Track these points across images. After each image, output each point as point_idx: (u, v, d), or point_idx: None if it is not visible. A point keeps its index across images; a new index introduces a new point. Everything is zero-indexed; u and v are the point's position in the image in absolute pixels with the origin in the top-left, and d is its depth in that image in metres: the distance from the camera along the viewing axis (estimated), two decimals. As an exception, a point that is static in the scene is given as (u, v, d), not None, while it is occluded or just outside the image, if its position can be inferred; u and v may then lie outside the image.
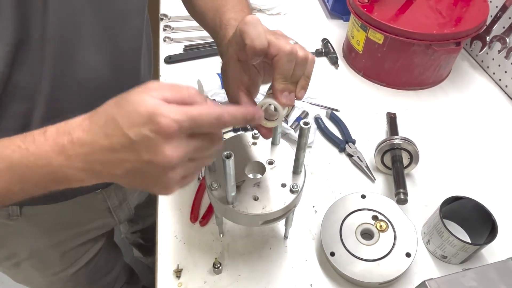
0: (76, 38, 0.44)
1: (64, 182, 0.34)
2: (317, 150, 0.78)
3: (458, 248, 0.57)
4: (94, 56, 0.47)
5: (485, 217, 0.59)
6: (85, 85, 0.48)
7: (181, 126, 0.31)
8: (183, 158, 0.32)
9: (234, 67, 0.43)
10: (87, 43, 0.46)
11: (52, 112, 0.46)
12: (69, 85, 0.47)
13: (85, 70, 0.47)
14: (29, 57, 0.41)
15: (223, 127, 0.36)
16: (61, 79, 0.45)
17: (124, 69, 0.53)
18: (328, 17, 1.14)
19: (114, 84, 0.51)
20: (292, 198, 0.50)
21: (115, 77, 0.51)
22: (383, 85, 0.93)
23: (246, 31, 0.37)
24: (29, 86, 0.43)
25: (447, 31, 0.81)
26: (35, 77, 0.43)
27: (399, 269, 0.56)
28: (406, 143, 0.69)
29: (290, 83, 0.41)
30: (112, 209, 0.71)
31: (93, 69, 0.48)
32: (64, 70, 0.45)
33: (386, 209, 0.61)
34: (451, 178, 0.73)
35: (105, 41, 0.48)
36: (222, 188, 0.50)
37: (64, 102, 0.48)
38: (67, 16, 0.42)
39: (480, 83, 0.95)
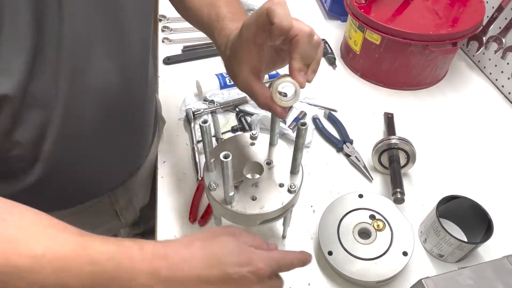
0: (89, 47, 0.45)
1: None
2: (315, 150, 0.79)
3: (455, 246, 0.58)
4: (106, 64, 0.48)
5: (481, 216, 0.60)
6: (98, 92, 0.49)
7: (271, 270, 0.39)
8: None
9: (247, 50, 0.43)
10: (99, 51, 0.46)
11: (67, 121, 0.47)
12: (83, 94, 0.47)
13: (98, 78, 0.48)
14: (46, 65, 0.41)
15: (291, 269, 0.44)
16: (76, 88, 0.46)
17: (134, 76, 0.54)
18: (326, 18, 1.15)
19: (124, 91, 0.53)
20: (290, 198, 0.51)
21: (125, 84, 0.52)
22: (381, 86, 0.93)
23: (275, 11, 0.38)
24: (45, 95, 0.43)
25: (444, 32, 0.82)
26: (52, 86, 0.43)
27: (396, 267, 0.56)
28: (403, 143, 0.69)
29: (305, 65, 0.42)
30: (119, 212, 0.71)
31: (105, 77, 0.48)
32: (79, 78, 0.45)
33: (383, 209, 0.62)
34: (447, 178, 0.74)
35: (115, 49, 0.49)
36: (220, 188, 0.51)
37: (79, 111, 0.48)
38: (81, 25, 0.43)
39: (477, 83, 0.96)
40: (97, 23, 0.45)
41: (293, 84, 0.43)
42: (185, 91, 0.89)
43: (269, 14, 0.38)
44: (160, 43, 1.02)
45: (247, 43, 0.43)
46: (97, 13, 0.44)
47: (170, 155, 0.76)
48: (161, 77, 0.93)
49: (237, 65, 0.45)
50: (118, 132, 0.57)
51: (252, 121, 0.81)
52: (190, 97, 0.87)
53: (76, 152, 0.52)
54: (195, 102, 0.85)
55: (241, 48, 0.44)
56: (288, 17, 0.38)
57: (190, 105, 0.84)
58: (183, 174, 0.73)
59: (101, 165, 0.58)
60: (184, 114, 0.82)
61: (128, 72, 0.52)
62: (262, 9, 0.39)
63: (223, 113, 0.84)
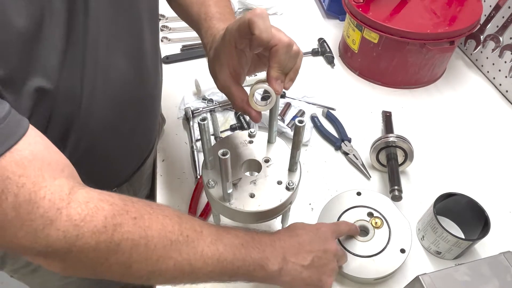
0: (110, 44, 0.47)
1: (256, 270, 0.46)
2: (313, 149, 0.79)
3: (452, 243, 0.58)
4: (124, 61, 0.50)
5: (478, 213, 0.60)
6: (117, 87, 0.51)
7: (334, 226, 0.55)
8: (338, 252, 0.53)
9: (229, 53, 0.45)
10: (119, 48, 0.49)
11: (90, 115, 0.49)
12: (105, 88, 0.49)
13: (117, 74, 0.50)
14: (74, 61, 0.43)
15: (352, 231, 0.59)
16: (98, 83, 0.47)
17: (147, 72, 0.57)
18: (325, 17, 1.15)
19: (140, 86, 0.56)
20: (288, 195, 0.51)
21: (140, 79, 0.55)
22: (379, 84, 0.94)
23: (256, 23, 0.39)
24: (72, 90, 0.45)
25: (441, 30, 0.82)
26: (78, 81, 0.45)
27: (394, 264, 0.56)
28: (401, 141, 0.70)
29: (282, 73, 0.44)
30: None
31: (123, 73, 0.51)
32: (101, 73, 0.47)
33: (381, 206, 0.62)
34: (445, 175, 0.74)
35: (132, 46, 0.51)
36: (219, 185, 0.51)
37: (100, 105, 0.50)
38: (104, 23, 0.45)
39: (474, 81, 0.96)
40: (117, 21, 0.47)
41: (270, 91, 0.44)
42: (184, 90, 0.89)
43: (250, 26, 0.40)
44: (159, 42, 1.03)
45: (229, 47, 0.44)
46: (117, 13, 0.47)
47: (169, 153, 0.77)
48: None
49: (218, 66, 0.47)
50: (132, 126, 0.59)
51: (250, 120, 0.81)
52: (189, 96, 0.87)
53: (95, 146, 0.54)
54: (194, 101, 0.86)
55: (223, 51, 0.45)
56: (268, 29, 0.40)
57: (189, 104, 0.84)
58: (182, 172, 0.73)
59: (115, 158, 0.60)
60: (183, 113, 0.83)
61: (143, 69, 0.55)
62: (244, 18, 0.41)
63: (222, 111, 0.84)
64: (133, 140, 0.62)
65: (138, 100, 0.57)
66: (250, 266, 0.45)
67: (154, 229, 0.38)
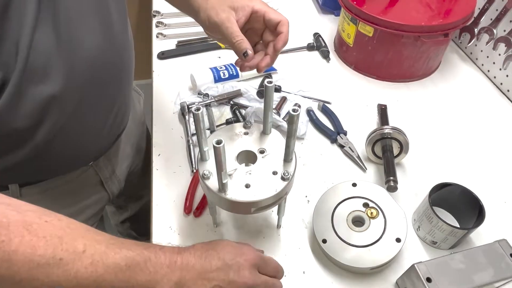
0: (82, 19, 0.49)
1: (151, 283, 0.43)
2: (309, 142, 0.79)
3: (447, 233, 0.59)
4: (97, 34, 0.52)
5: (472, 202, 0.60)
6: (92, 61, 0.52)
7: (260, 259, 0.48)
8: (254, 284, 0.46)
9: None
10: (90, 23, 0.51)
11: (67, 91, 0.50)
12: (80, 63, 0.50)
13: (92, 48, 0.51)
14: (46, 38, 0.45)
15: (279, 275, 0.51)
16: (74, 58, 0.49)
17: (119, 44, 0.58)
18: (320, 12, 1.15)
19: (113, 58, 0.57)
20: (283, 185, 0.51)
21: (114, 51, 0.57)
22: (374, 78, 0.94)
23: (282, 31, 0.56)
24: (45, 68, 0.46)
25: (435, 23, 0.82)
26: (51, 58, 0.46)
27: (389, 254, 0.57)
28: (396, 133, 0.70)
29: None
30: (104, 181, 0.74)
31: (97, 46, 0.52)
32: (76, 48, 0.49)
33: (376, 197, 0.62)
34: (440, 167, 0.75)
35: (103, 20, 0.53)
36: (214, 176, 0.51)
37: (77, 80, 0.51)
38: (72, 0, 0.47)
39: (469, 74, 0.96)
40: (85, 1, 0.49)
41: None
42: (180, 85, 0.89)
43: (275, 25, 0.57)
44: (155, 38, 1.03)
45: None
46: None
47: (165, 148, 0.77)
48: (156, 71, 0.93)
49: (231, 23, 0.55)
50: (108, 97, 0.60)
51: (246, 114, 0.81)
52: (185, 91, 0.87)
53: (73, 120, 0.55)
54: (189, 96, 0.86)
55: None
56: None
57: (184, 98, 0.84)
58: (178, 166, 0.73)
59: (91, 132, 0.61)
60: (178, 107, 0.83)
61: (115, 40, 0.56)
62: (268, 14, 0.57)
63: (217, 106, 0.84)
64: (109, 114, 0.63)
65: (111, 75, 0.58)
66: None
67: (20, 253, 0.36)
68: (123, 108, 0.68)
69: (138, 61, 0.71)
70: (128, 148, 0.81)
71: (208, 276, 0.44)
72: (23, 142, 0.51)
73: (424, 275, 0.51)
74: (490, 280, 0.51)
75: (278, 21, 0.56)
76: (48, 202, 0.63)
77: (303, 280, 0.59)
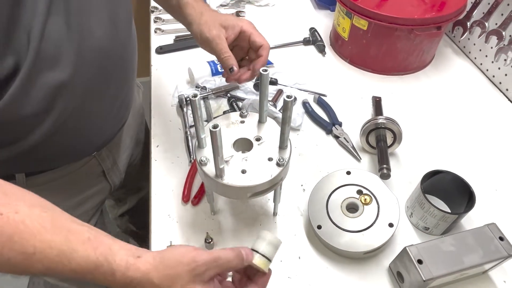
0: (91, 10, 0.51)
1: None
2: (305, 133, 0.81)
3: (439, 218, 0.60)
4: (106, 25, 0.54)
5: (463, 188, 0.62)
6: (100, 51, 0.54)
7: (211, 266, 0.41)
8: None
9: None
10: (100, 14, 0.53)
11: (75, 80, 0.52)
12: (89, 53, 0.52)
13: (100, 38, 0.53)
14: (57, 27, 0.47)
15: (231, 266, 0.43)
16: (83, 47, 0.51)
17: (125, 35, 0.60)
18: (316, 8, 1.17)
19: (119, 49, 0.59)
20: (278, 171, 0.53)
21: (120, 42, 0.59)
22: (369, 71, 0.96)
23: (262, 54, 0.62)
24: (55, 56, 0.48)
25: (428, 16, 0.84)
26: (61, 46, 0.48)
27: (382, 238, 0.58)
28: (390, 123, 0.72)
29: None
30: (106, 171, 0.75)
31: (106, 36, 0.54)
32: (86, 38, 0.51)
33: (370, 184, 0.64)
34: (433, 156, 0.76)
35: (112, 13, 0.55)
36: (211, 163, 0.53)
37: (85, 70, 0.53)
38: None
39: (462, 67, 0.98)
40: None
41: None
42: (178, 78, 0.90)
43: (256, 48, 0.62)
44: (153, 33, 1.04)
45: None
46: None
47: (163, 139, 0.78)
48: (154, 65, 0.95)
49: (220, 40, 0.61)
50: (113, 88, 0.62)
51: (243, 106, 0.82)
52: (183, 84, 0.89)
53: (80, 109, 0.56)
54: (187, 89, 0.87)
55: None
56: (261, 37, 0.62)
57: (182, 91, 0.86)
58: (176, 157, 0.75)
59: (97, 122, 0.62)
60: (176, 100, 0.84)
61: (121, 32, 0.58)
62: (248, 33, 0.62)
63: (215, 99, 0.86)
64: (114, 104, 0.64)
65: (117, 65, 0.60)
66: None
67: None
68: (127, 100, 0.69)
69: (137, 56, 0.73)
70: (128, 140, 0.82)
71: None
72: (32, 129, 0.53)
73: (416, 257, 0.53)
74: (480, 262, 0.53)
75: (260, 45, 0.61)
76: (53, 192, 0.64)
77: (299, 265, 0.60)
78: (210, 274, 0.41)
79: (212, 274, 0.41)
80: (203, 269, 0.41)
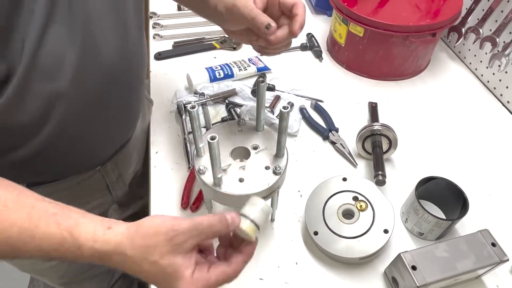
0: (97, 21, 0.49)
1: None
2: (302, 139, 0.82)
3: (433, 224, 0.61)
4: (111, 38, 0.51)
5: (457, 194, 0.63)
6: (103, 65, 0.52)
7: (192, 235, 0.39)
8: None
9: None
10: (105, 25, 0.50)
11: (75, 92, 0.50)
12: (92, 65, 0.50)
13: (104, 51, 0.51)
14: (56, 36, 0.44)
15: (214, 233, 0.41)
16: (85, 59, 0.48)
17: (133, 50, 0.58)
18: (313, 13, 1.18)
19: (125, 64, 0.56)
20: (275, 179, 0.54)
21: (126, 57, 0.56)
22: (365, 77, 0.97)
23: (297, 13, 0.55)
24: (54, 66, 0.46)
25: (423, 23, 0.85)
26: (62, 57, 0.46)
27: (377, 244, 0.59)
28: (386, 129, 0.73)
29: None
30: (110, 185, 0.75)
31: (110, 50, 0.52)
32: (88, 50, 0.48)
33: (366, 190, 0.65)
34: (428, 162, 0.77)
35: (118, 24, 0.53)
36: (209, 171, 0.54)
37: (87, 83, 0.51)
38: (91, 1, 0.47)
39: (457, 73, 0.99)
40: (106, 5, 0.49)
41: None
42: (176, 84, 0.91)
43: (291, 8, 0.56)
44: (151, 39, 1.05)
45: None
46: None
47: (162, 145, 0.79)
48: (153, 71, 0.96)
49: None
50: (117, 103, 0.60)
51: (241, 112, 0.83)
52: (181, 90, 0.90)
53: (80, 122, 0.55)
54: (186, 95, 0.88)
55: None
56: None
57: (181, 98, 0.87)
58: (175, 163, 0.76)
59: (99, 135, 0.61)
60: (175, 106, 0.85)
61: (128, 46, 0.56)
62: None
63: (213, 105, 0.87)
64: (118, 118, 0.63)
65: (124, 78, 0.58)
66: None
67: None
68: (133, 114, 0.68)
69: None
70: (135, 154, 0.81)
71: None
72: (28, 138, 0.52)
73: (410, 263, 0.54)
74: (472, 268, 0.54)
75: (293, 3, 0.55)
76: None
77: (296, 270, 0.61)
78: (192, 243, 0.38)
79: (194, 243, 0.39)
80: (183, 238, 0.38)
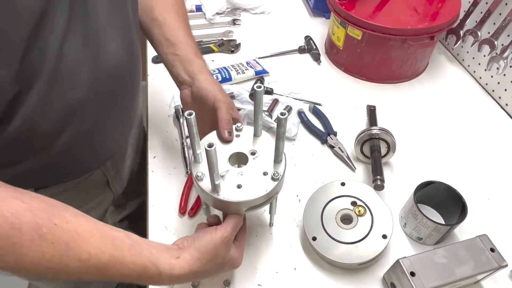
0: (106, 31, 0.52)
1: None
2: (300, 143, 0.81)
3: (432, 229, 0.61)
4: (119, 44, 0.55)
5: (456, 199, 0.63)
6: (114, 68, 0.55)
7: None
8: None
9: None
10: (112, 36, 0.53)
11: (91, 99, 0.53)
12: (102, 72, 0.53)
13: (114, 55, 0.54)
14: (73, 47, 0.47)
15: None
16: (97, 67, 0.51)
17: (134, 53, 0.61)
18: (311, 15, 1.18)
19: (130, 66, 0.60)
20: (273, 185, 0.53)
21: (131, 59, 0.59)
22: (364, 79, 0.97)
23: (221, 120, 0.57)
24: (72, 75, 0.48)
25: (421, 26, 0.85)
26: (78, 66, 0.49)
27: (376, 250, 0.59)
28: (384, 133, 0.73)
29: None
30: (110, 181, 0.76)
31: (119, 54, 0.55)
32: (101, 55, 0.51)
33: (364, 195, 0.65)
34: (426, 165, 0.77)
35: (124, 32, 0.56)
36: (207, 178, 0.53)
37: (99, 89, 0.53)
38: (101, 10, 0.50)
39: (456, 75, 0.99)
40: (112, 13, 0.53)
41: None
42: (174, 88, 0.90)
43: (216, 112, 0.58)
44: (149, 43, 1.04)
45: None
46: (111, 6, 0.52)
47: (160, 150, 0.79)
48: (151, 75, 0.95)
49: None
50: (122, 104, 0.63)
51: (239, 116, 0.83)
52: (179, 94, 0.89)
53: (94, 126, 0.58)
54: (183, 99, 0.88)
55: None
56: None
57: (179, 102, 0.86)
58: (173, 168, 0.75)
59: (106, 137, 0.64)
60: (173, 110, 0.85)
61: (133, 55, 0.60)
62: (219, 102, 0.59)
63: (211, 109, 0.86)
64: (121, 120, 0.66)
65: (128, 84, 0.61)
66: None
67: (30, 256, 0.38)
68: (132, 115, 0.70)
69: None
70: (130, 149, 0.83)
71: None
72: (46, 146, 0.53)
73: (408, 269, 0.54)
74: (471, 273, 0.54)
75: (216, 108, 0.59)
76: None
77: (294, 276, 0.61)
78: (232, 239, 0.52)
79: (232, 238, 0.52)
80: (231, 237, 0.51)
